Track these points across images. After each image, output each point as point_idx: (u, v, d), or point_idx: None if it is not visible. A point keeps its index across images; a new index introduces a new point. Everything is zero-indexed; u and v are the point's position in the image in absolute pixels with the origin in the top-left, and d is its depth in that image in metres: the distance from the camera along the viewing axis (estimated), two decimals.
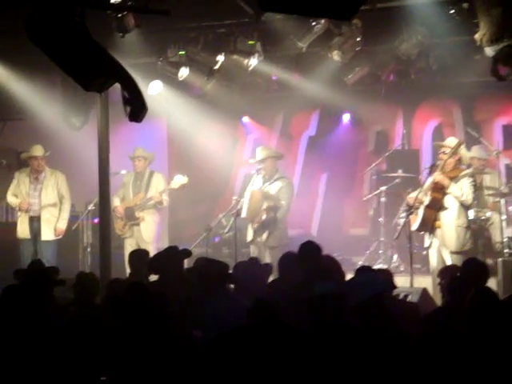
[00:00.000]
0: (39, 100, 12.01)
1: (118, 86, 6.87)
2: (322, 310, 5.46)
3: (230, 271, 7.71)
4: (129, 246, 12.05)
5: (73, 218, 12.57)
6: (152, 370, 5.15)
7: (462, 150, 10.14)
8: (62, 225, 12.24)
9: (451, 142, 10.15)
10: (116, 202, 12.31)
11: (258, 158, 11.59)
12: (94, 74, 6.92)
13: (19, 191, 12.26)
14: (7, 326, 5.62)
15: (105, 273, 9.99)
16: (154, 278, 8.37)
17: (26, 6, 7.15)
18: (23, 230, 12.19)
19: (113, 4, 9.12)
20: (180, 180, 12.15)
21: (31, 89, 11.81)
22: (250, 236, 11.51)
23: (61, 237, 12.23)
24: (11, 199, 12.31)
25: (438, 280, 7.93)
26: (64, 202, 12.30)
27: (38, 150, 12.23)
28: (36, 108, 12.11)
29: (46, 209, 12.18)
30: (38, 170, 12.25)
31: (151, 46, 11.45)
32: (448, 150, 9.99)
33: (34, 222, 12.17)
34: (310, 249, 7.81)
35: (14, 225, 12.38)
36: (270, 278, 8.13)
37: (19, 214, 12.27)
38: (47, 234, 12.13)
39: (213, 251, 12.41)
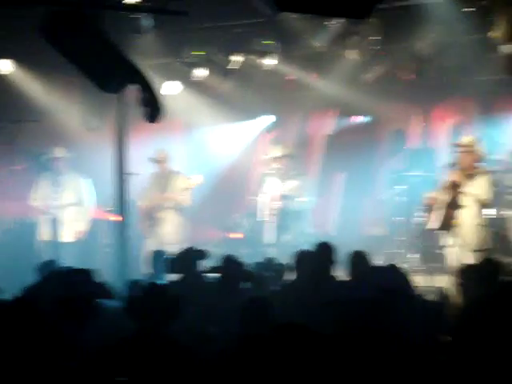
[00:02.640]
0: (57, 101, 12.06)
1: (135, 87, 6.89)
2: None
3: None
4: (149, 247, 12.09)
5: (91, 220, 12.62)
6: (166, 372, 5.16)
7: (478, 148, 10.09)
8: (82, 227, 12.31)
9: (467, 140, 10.11)
10: (140, 202, 12.39)
11: (274, 156, 11.62)
12: (111, 76, 6.95)
13: (41, 193, 12.34)
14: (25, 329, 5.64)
15: (123, 273, 10.01)
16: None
17: (44, 9, 7.19)
18: (44, 232, 12.28)
19: (130, 5, 9.14)
20: (195, 180, 12.18)
21: (49, 90, 11.86)
22: (269, 238, 11.52)
23: (80, 239, 12.30)
24: (34, 201, 12.40)
25: (457, 279, 7.89)
26: (84, 203, 12.37)
27: (59, 152, 12.31)
28: (54, 109, 12.16)
29: (66, 210, 12.24)
30: (59, 172, 12.33)
31: (168, 47, 11.47)
32: (464, 149, 9.95)
33: (54, 224, 12.24)
34: (324, 250, 7.76)
35: (34, 224, 12.49)
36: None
37: (41, 216, 12.35)
38: (67, 236, 12.20)
39: (230, 251, 12.40)
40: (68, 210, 12.26)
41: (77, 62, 6.92)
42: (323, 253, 7.69)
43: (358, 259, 7.83)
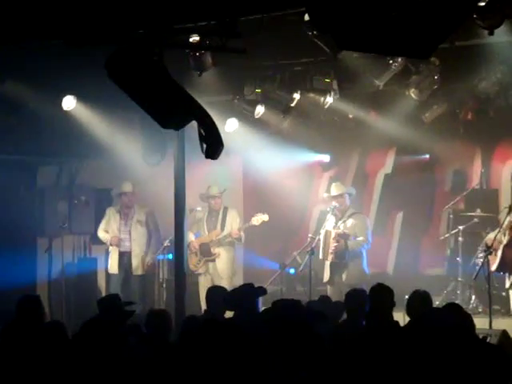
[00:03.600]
0: (118, 137, 12.20)
1: (194, 123, 6.93)
2: None
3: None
4: (203, 283, 12.10)
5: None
6: None
7: None
8: (151, 259, 12.43)
9: None
10: (191, 237, 12.38)
11: (333, 194, 11.59)
12: (171, 112, 7.01)
13: (110, 227, 12.49)
14: (84, 361, 5.66)
15: (180, 309, 10.03)
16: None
17: (107, 46, 7.30)
18: (113, 265, 12.40)
19: (191, 43, 9.23)
20: (261, 217, 12.23)
21: (110, 126, 12.01)
22: (326, 276, 11.46)
23: (148, 271, 12.43)
24: (102, 234, 12.56)
25: None
26: (153, 236, 12.48)
27: (127, 187, 12.49)
28: (114, 145, 12.29)
29: (137, 244, 12.37)
30: (127, 206, 12.51)
31: (228, 84, 11.53)
32: None
33: (125, 257, 12.38)
34: (381, 294, 7.63)
35: (94, 260, 12.67)
36: None
37: (110, 249, 12.49)
38: (137, 269, 12.33)
39: (287, 289, 12.38)
40: (138, 244, 12.37)
41: (139, 98, 6.99)
42: (377, 294, 7.60)
43: (418, 299, 7.70)
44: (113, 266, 12.41)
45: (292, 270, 12.82)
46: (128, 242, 12.40)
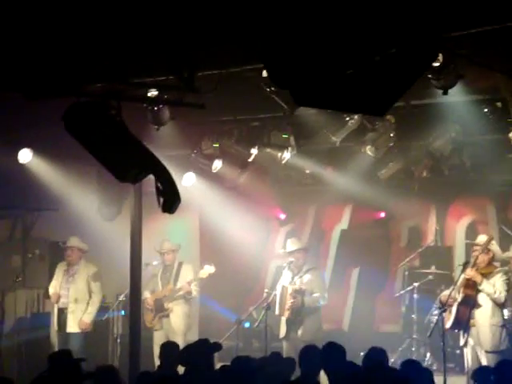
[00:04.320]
0: (74, 190, 12.13)
1: (152, 177, 6.93)
2: None
3: None
4: (158, 339, 11.94)
5: (103, 309, 12.48)
6: None
7: (494, 247, 10.05)
8: (87, 318, 12.07)
9: (482, 239, 10.08)
10: (146, 294, 12.20)
11: (288, 250, 11.60)
12: (128, 166, 7.00)
13: (54, 283, 12.30)
14: None
15: (134, 365, 9.90)
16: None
17: (64, 99, 7.30)
18: (54, 322, 12.20)
19: (149, 97, 9.27)
20: (208, 269, 12.13)
21: (66, 179, 11.94)
22: (282, 332, 11.41)
23: (88, 330, 12.13)
24: (50, 291, 12.34)
25: (472, 382, 7.75)
26: (93, 296, 12.22)
27: (72, 241, 12.26)
28: (70, 198, 12.21)
29: (74, 301, 12.12)
30: (70, 262, 12.26)
31: (186, 139, 11.56)
32: (480, 248, 9.92)
33: (62, 314, 12.13)
34: (333, 352, 7.62)
35: (48, 315, 12.47)
36: None
37: (55, 305, 12.28)
38: (72, 327, 12.04)
39: (243, 345, 12.28)
40: (75, 301, 12.12)
41: (96, 151, 6.98)
42: (329, 352, 7.58)
43: (374, 356, 7.68)
44: (53, 324, 12.20)
45: (247, 324, 12.75)
46: (66, 299, 12.13)
